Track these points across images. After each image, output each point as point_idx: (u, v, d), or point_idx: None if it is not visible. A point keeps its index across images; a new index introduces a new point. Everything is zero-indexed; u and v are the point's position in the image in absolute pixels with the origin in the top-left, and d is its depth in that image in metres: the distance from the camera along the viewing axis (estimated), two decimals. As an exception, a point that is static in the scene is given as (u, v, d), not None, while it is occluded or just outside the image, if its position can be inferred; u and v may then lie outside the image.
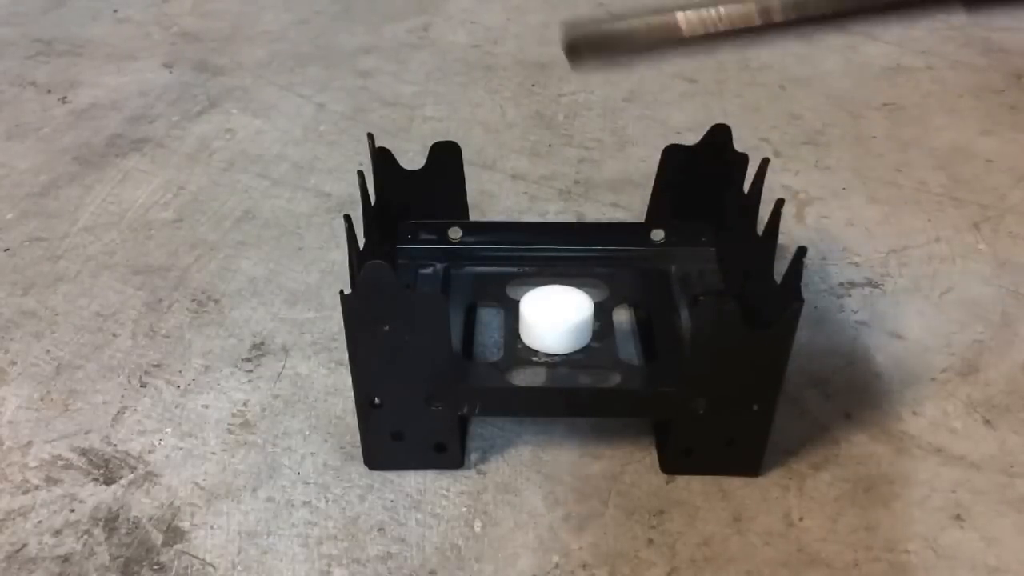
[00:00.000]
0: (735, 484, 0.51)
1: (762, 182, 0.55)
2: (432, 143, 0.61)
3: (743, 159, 0.57)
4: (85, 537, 0.48)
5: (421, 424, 0.50)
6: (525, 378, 0.53)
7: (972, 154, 0.85)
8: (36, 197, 0.79)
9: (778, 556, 0.47)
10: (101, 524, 0.49)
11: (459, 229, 0.62)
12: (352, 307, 0.46)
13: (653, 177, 0.63)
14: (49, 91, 0.98)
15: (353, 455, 0.53)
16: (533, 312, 0.54)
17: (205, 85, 0.99)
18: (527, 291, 0.56)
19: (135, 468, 0.53)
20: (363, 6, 1.21)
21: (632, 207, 0.77)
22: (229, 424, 0.55)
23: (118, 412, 0.56)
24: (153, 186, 0.81)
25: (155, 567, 0.47)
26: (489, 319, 0.60)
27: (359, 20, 1.16)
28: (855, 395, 0.58)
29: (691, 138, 0.60)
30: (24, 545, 0.48)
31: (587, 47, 0.42)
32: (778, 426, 0.50)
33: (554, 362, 0.54)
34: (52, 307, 0.65)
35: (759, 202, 0.55)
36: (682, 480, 0.52)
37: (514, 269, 0.61)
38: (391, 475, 0.52)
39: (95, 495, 0.51)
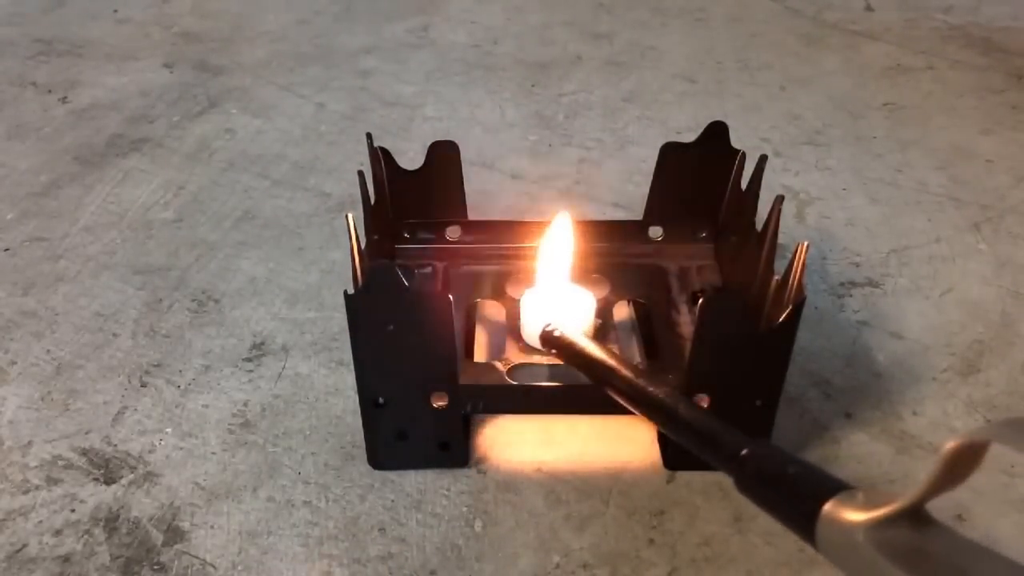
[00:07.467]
0: (736, 484, 0.51)
1: (760, 178, 0.55)
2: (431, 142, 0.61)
3: (740, 156, 0.57)
4: (85, 537, 0.48)
5: (425, 423, 0.50)
6: (527, 376, 0.53)
7: (972, 154, 0.85)
8: (36, 197, 0.79)
9: (779, 556, 0.47)
10: (101, 524, 0.49)
11: (458, 228, 0.62)
12: (356, 307, 0.46)
13: (653, 176, 0.63)
14: (49, 91, 0.98)
15: (354, 455, 0.53)
16: (534, 310, 0.54)
17: (205, 85, 0.99)
18: (527, 289, 0.56)
19: (135, 468, 0.53)
20: (363, 6, 1.21)
21: (633, 207, 0.77)
22: (229, 424, 0.55)
23: (118, 412, 0.56)
24: (153, 186, 0.81)
25: (155, 567, 0.47)
26: (489, 318, 0.60)
27: (359, 20, 1.16)
28: (855, 395, 0.58)
29: (691, 138, 0.60)
30: (24, 545, 0.48)
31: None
32: (778, 426, 0.50)
33: (556, 360, 0.54)
34: (52, 307, 0.65)
35: (757, 198, 0.55)
36: (682, 480, 0.52)
37: (513, 267, 0.61)
38: (391, 475, 0.52)
39: (95, 495, 0.51)
